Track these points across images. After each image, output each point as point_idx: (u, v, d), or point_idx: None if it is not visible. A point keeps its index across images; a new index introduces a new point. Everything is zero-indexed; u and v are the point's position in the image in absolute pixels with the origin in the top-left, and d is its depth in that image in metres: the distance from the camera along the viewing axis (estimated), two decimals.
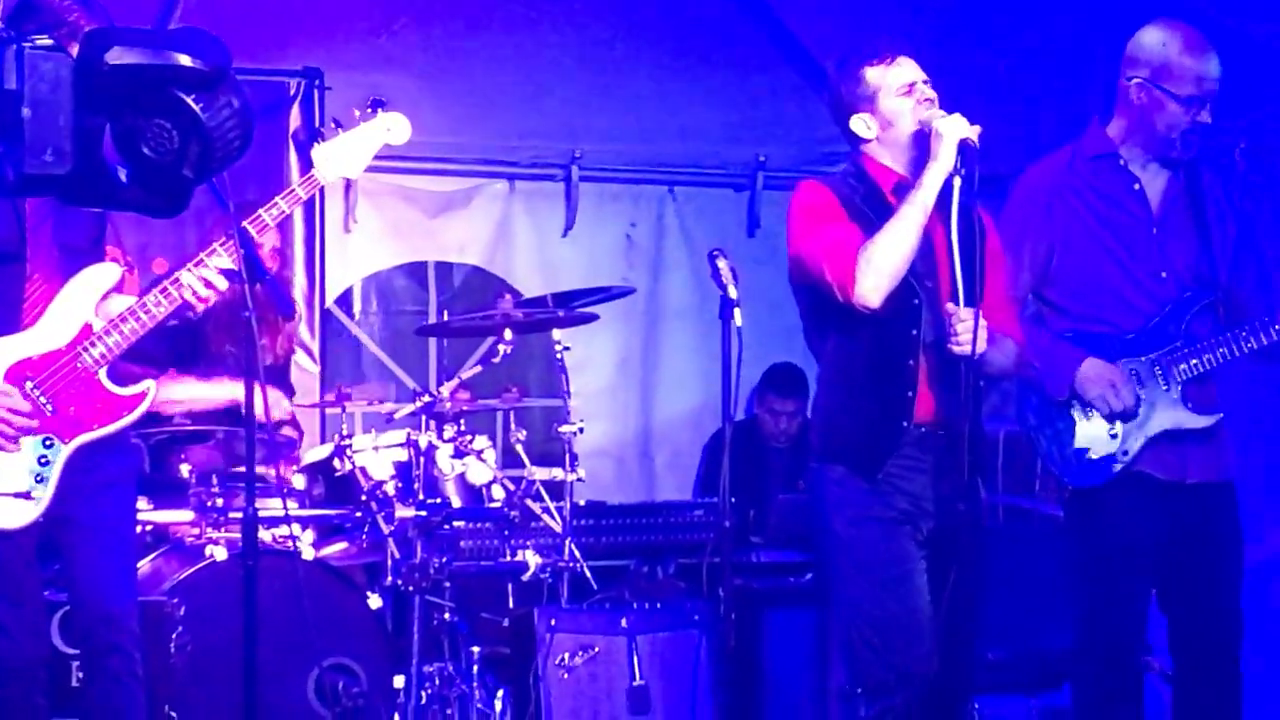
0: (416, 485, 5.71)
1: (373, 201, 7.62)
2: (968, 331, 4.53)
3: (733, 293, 4.66)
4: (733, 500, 6.77)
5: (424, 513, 5.66)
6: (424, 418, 5.84)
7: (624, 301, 6.94)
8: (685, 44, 7.76)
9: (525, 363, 7.77)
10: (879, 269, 4.51)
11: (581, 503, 6.96)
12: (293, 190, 5.09)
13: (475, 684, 5.61)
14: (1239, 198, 5.26)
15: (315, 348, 7.13)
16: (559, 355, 6.16)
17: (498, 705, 5.62)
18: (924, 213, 4.54)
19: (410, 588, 5.67)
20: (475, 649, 5.62)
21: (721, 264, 4.72)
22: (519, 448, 6.08)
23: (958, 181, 4.56)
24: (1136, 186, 5.11)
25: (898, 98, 4.69)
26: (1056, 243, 5.13)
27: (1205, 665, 5.13)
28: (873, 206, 4.67)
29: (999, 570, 6.90)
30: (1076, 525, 5.20)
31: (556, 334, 6.17)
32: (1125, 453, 5.04)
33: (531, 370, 7.86)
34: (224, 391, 5.91)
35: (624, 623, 5.84)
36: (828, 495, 4.71)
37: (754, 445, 7.62)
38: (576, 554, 6.05)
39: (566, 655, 5.78)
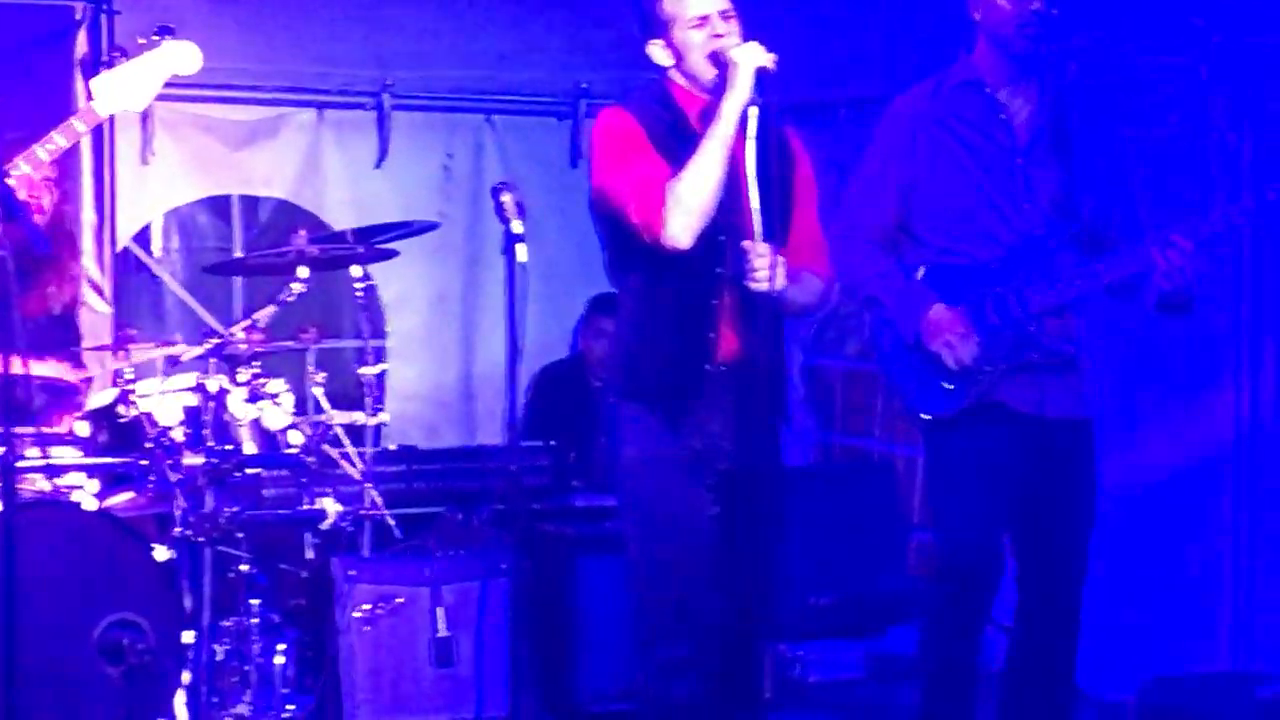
0: (206, 431, 5.67)
1: (172, 132, 7.51)
2: (765, 268, 4.59)
3: (516, 227, 4.68)
4: (552, 443, 6.88)
5: (214, 460, 5.62)
6: (213, 361, 5.79)
7: (441, 236, 6.93)
8: None
9: (339, 302, 7.73)
10: (688, 208, 4.58)
11: (392, 447, 6.98)
12: (70, 124, 5.03)
13: (256, 638, 5.62)
14: (1108, 130, 5.37)
15: (107, 288, 7.05)
16: (359, 294, 6.15)
17: (279, 659, 5.63)
18: (725, 145, 4.59)
19: (200, 538, 5.64)
20: (256, 601, 5.62)
21: (505, 198, 4.75)
22: (318, 391, 6.06)
23: (754, 112, 4.61)
24: (1002, 116, 5.22)
25: (689, 30, 4.75)
26: (921, 172, 5.24)
27: (1046, 606, 5.27)
28: (677, 136, 4.72)
29: (827, 513, 7.04)
30: (934, 454, 5.31)
31: (359, 271, 6.14)
32: (979, 384, 5.14)
33: (346, 310, 7.82)
34: None
35: (427, 572, 5.89)
36: (622, 431, 4.77)
37: (577, 386, 7.62)
38: (378, 501, 6.06)
39: (367, 606, 5.81)
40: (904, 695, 6.07)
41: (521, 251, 4.65)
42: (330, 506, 5.88)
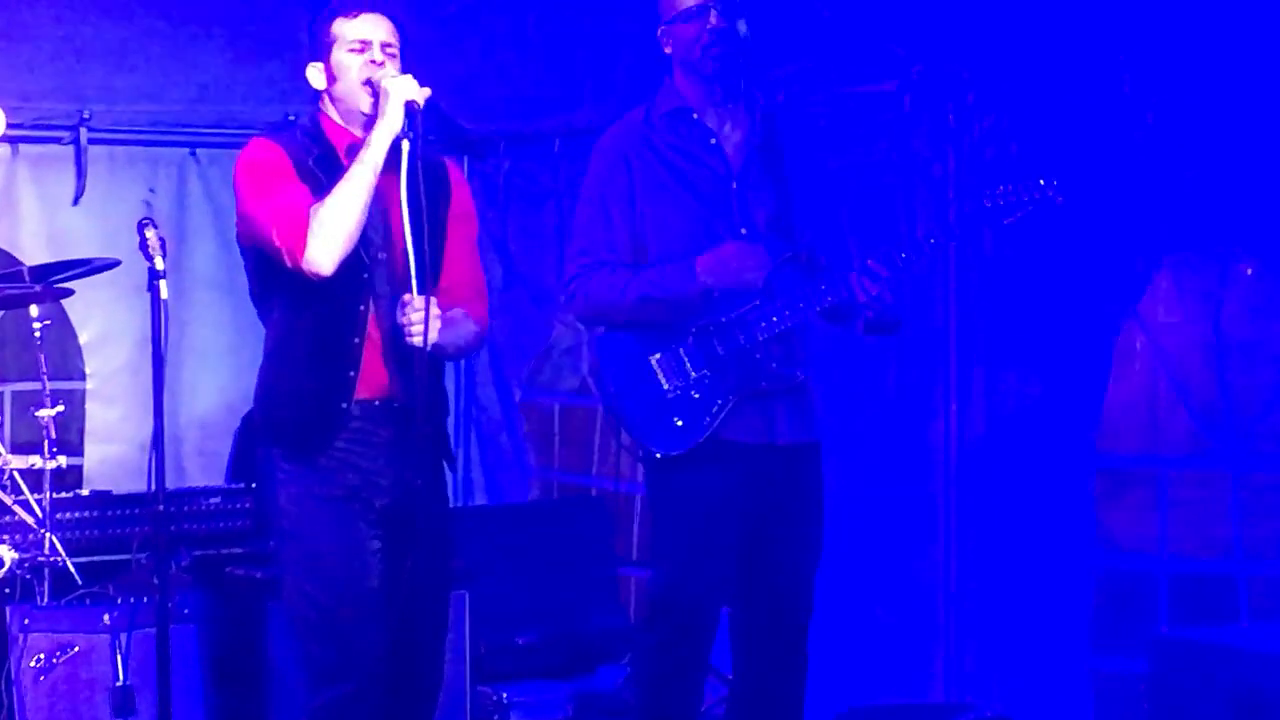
0: None
1: None
2: (419, 322, 4.76)
3: (159, 264, 4.82)
4: (253, 485, 7.02)
5: None
6: None
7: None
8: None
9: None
10: (330, 233, 4.72)
11: (85, 492, 7.07)
12: None
13: None
14: (819, 155, 5.57)
15: None
16: (37, 334, 6.25)
17: None
18: (373, 172, 4.76)
19: None
20: None
21: (149, 234, 4.89)
22: None
23: (405, 145, 4.77)
24: (713, 141, 5.37)
25: (348, 52, 4.91)
26: (638, 204, 5.36)
27: (769, 644, 5.40)
28: (325, 168, 4.87)
29: (536, 551, 7.24)
30: (662, 492, 5.39)
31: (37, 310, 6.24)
32: (712, 418, 5.26)
33: (49, 350, 7.85)
34: None
35: (106, 619, 5.98)
36: (273, 472, 4.90)
37: None
38: (59, 548, 6.16)
39: (43, 656, 5.90)
40: None
41: (164, 288, 4.79)
42: (6, 554, 5.98)
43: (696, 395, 5.29)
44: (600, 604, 7.22)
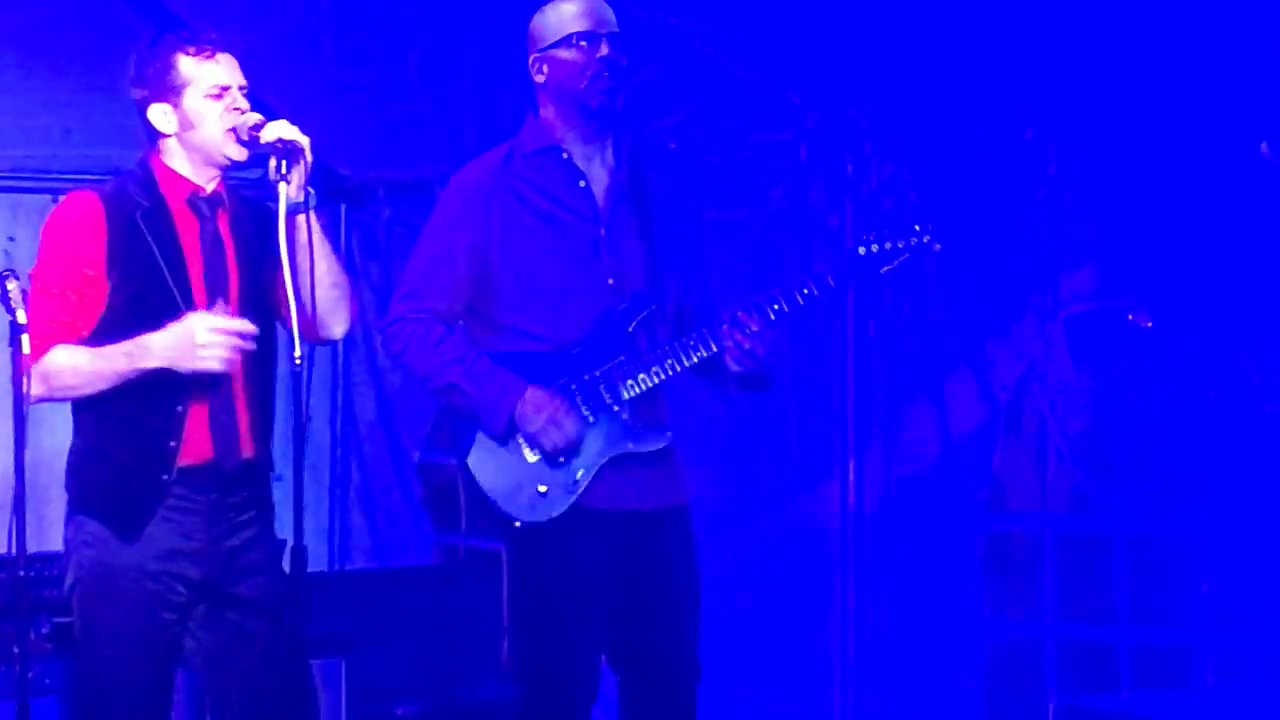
0: None
1: None
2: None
3: (21, 317, 4.67)
4: None
5: None
6: None
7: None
8: (70, 37, 7.75)
9: None
10: (51, 388, 4.72)
11: None
12: None
13: None
14: (687, 199, 5.43)
15: None
16: None
17: None
18: (131, 375, 4.67)
19: None
20: None
21: (11, 286, 4.72)
22: None
23: (283, 188, 4.62)
24: (582, 184, 5.18)
25: (206, 98, 4.75)
26: (495, 248, 5.16)
27: (660, 707, 5.24)
28: (152, 224, 4.74)
29: (419, 617, 7.12)
30: (523, 565, 5.24)
31: None
32: (576, 484, 5.11)
33: None
34: None
35: None
36: (74, 541, 4.79)
37: None
38: None
39: None
40: None
41: (25, 343, 4.65)
42: None
43: (562, 459, 5.13)
44: (489, 672, 7.08)
